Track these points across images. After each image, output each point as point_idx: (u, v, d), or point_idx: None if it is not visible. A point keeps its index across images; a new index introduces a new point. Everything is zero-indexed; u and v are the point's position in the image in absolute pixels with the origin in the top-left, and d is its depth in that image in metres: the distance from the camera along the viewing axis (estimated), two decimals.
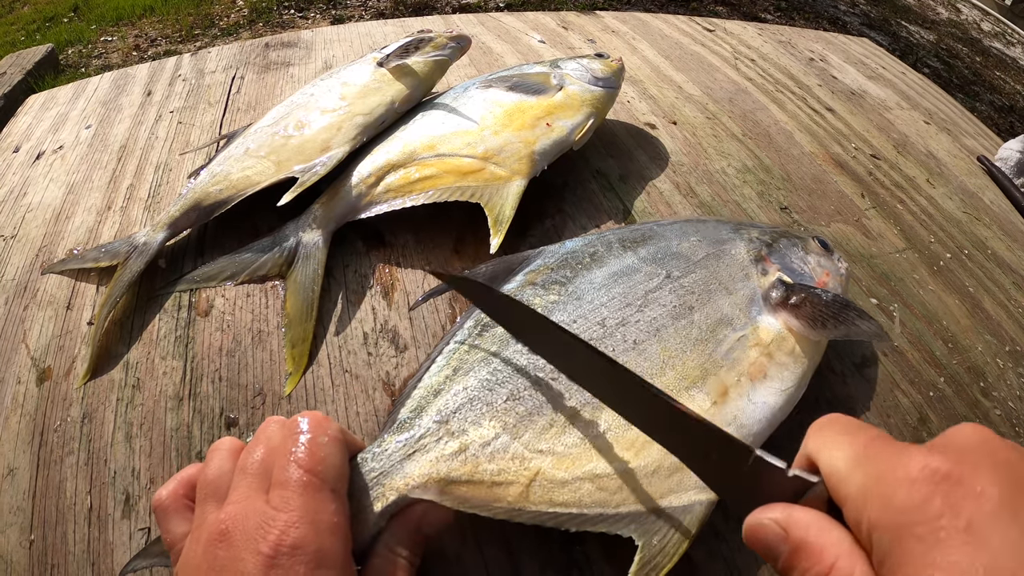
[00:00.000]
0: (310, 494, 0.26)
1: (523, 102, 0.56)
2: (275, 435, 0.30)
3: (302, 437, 0.29)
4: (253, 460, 0.28)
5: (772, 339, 0.39)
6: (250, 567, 0.24)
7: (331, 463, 0.28)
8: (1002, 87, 2.46)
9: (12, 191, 0.60)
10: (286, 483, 0.27)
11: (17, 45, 1.98)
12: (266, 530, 0.25)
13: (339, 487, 0.29)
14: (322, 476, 0.28)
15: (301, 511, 0.26)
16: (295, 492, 0.26)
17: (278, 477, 0.27)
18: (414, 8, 2.28)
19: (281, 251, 0.49)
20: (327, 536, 0.26)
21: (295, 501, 0.26)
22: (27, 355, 0.45)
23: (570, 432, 0.34)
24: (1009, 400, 0.47)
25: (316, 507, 0.26)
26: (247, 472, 0.28)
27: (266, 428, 0.30)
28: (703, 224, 0.47)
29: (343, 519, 0.27)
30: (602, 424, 0.35)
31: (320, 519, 0.26)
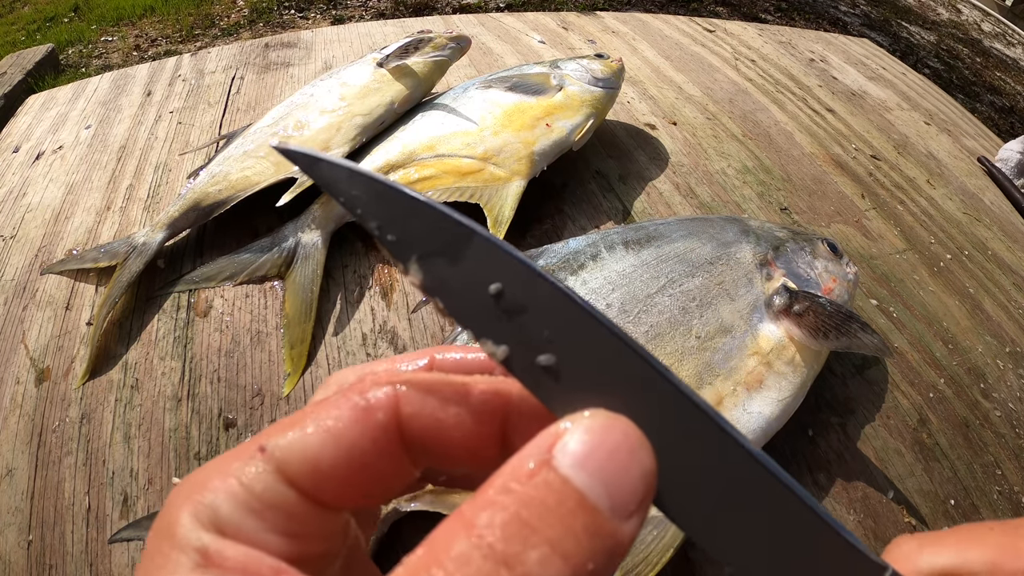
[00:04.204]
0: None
1: (523, 103, 0.56)
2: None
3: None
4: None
5: (772, 348, 0.39)
6: None
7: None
8: (1003, 88, 2.46)
9: (12, 191, 0.60)
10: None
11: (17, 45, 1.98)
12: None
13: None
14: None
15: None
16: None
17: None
18: (414, 8, 2.28)
19: (280, 252, 0.49)
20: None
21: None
22: (26, 355, 0.45)
23: None
24: (1009, 401, 0.47)
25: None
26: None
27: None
28: (709, 224, 0.46)
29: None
30: None
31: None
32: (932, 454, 0.43)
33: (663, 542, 0.32)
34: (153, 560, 0.12)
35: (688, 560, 0.35)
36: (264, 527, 0.12)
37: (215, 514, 0.12)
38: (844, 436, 0.43)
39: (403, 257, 0.14)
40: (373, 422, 0.13)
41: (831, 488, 0.40)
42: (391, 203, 0.14)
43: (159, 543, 0.12)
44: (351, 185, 0.15)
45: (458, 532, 0.11)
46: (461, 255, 0.14)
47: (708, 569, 0.35)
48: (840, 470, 0.41)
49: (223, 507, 0.12)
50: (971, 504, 0.41)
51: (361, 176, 0.15)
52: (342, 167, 0.15)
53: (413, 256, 0.14)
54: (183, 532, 0.12)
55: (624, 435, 0.12)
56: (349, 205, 0.14)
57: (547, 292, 0.13)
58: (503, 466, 0.12)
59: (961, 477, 0.42)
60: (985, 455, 0.44)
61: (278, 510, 0.12)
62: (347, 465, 0.13)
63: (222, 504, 0.12)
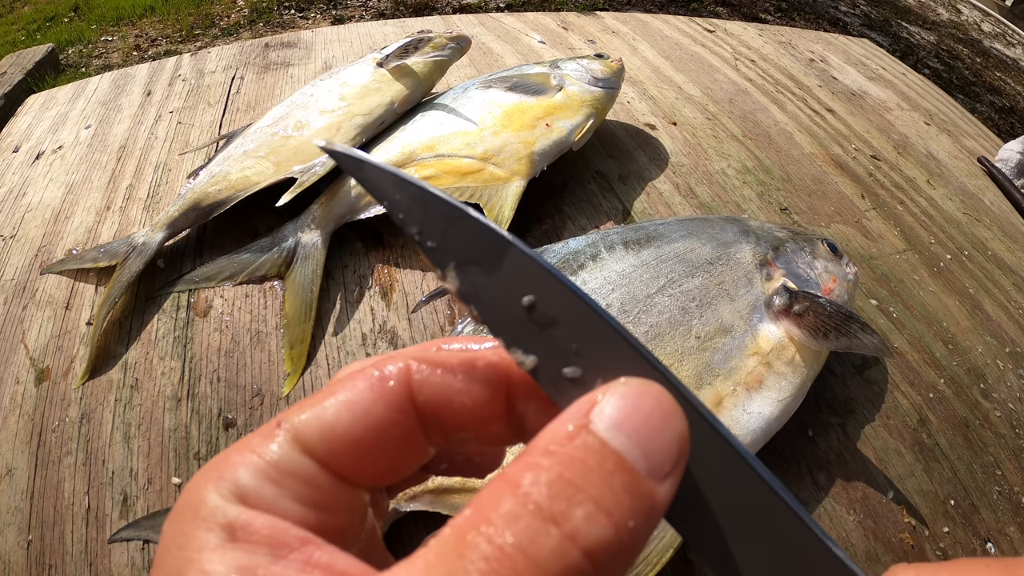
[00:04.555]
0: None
1: (523, 103, 0.56)
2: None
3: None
4: None
5: (772, 348, 0.39)
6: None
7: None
8: (1002, 88, 2.46)
9: (11, 191, 0.60)
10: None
11: (17, 45, 1.98)
12: None
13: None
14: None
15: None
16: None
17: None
18: (414, 8, 2.28)
19: (280, 251, 0.49)
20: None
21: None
22: (26, 355, 0.45)
23: None
24: (1009, 402, 0.47)
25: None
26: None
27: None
28: (709, 224, 0.46)
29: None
30: None
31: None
32: (932, 454, 0.43)
33: (663, 542, 0.32)
34: (175, 540, 0.12)
35: (688, 560, 0.35)
36: (284, 494, 0.12)
37: (237, 486, 0.12)
38: (844, 436, 0.43)
39: (441, 264, 0.14)
40: (386, 390, 0.14)
41: (831, 488, 0.40)
42: (432, 210, 0.14)
43: (181, 524, 0.12)
44: (395, 190, 0.15)
45: (504, 492, 0.11)
46: (498, 265, 0.14)
47: (708, 570, 0.35)
48: (840, 470, 0.41)
49: (243, 478, 0.12)
50: (971, 504, 0.41)
51: (405, 182, 0.15)
52: (387, 172, 0.15)
53: (451, 263, 0.14)
54: (208, 509, 0.12)
55: (657, 400, 0.12)
56: (391, 209, 0.15)
57: (578, 307, 0.14)
58: (543, 431, 0.12)
59: (961, 477, 0.42)
60: (985, 455, 0.44)
61: (297, 478, 0.13)
62: (362, 433, 0.13)
63: (242, 475, 0.12)
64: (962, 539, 0.39)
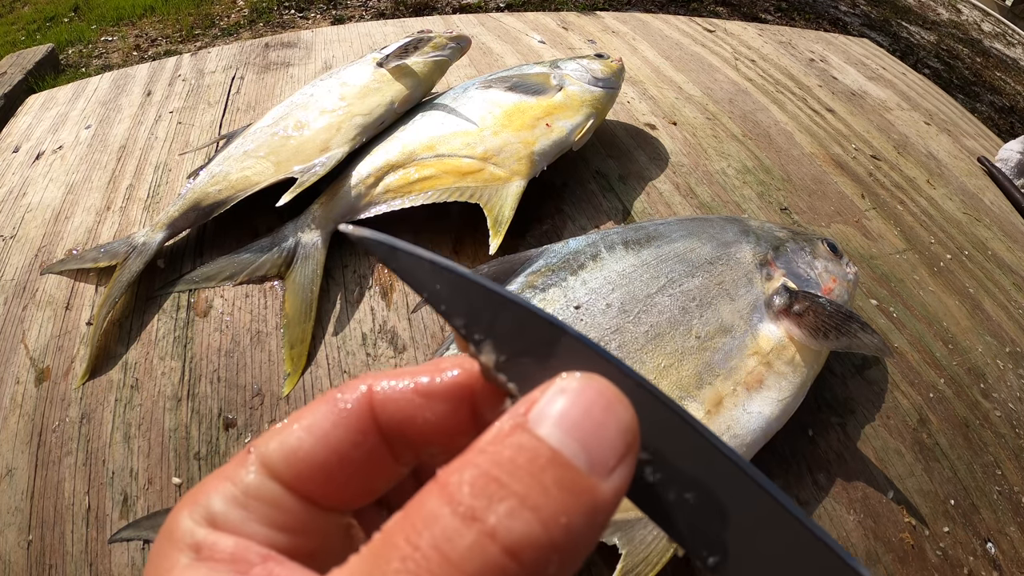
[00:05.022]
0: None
1: (523, 102, 0.56)
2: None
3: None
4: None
5: (772, 348, 0.39)
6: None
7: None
8: (1003, 88, 2.46)
9: (12, 191, 0.60)
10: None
11: (17, 45, 1.98)
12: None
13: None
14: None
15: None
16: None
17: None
18: (414, 8, 2.28)
19: (280, 251, 0.49)
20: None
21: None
22: (26, 355, 0.45)
23: None
24: (1009, 401, 0.47)
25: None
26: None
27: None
28: (709, 224, 0.46)
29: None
30: None
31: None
32: (932, 454, 0.43)
33: (663, 542, 0.32)
34: (155, 560, 0.13)
35: (687, 560, 0.35)
36: (251, 518, 0.13)
37: (208, 511, 0.13)
38: (844, 436, 0.43)
39: (486, 354, 0.14)
40: (347, 413, 0.14)
41: (831, 488, 0.40)
42: (476, 299, 0.14)
43: (161, 545, 0.13)
44: (433, 278, 0.14)
45: (431, 492, 0.11)
46: (551, 355, 0.13)
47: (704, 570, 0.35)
48: (840, 470, 0.41)
49: (215, 503, 0.13)
50: (971, 504, 0.41)
51: (443, 269, 0.14)
52: (423, 258, 0.14)
53: (501, 357, 0.14)
54: (180, 531, 0.13)
55: (599, 392, 0.12)
56: (431, 301, 0.14)
57: (647, 398, 0.13)
58: (484, 432, 0.12)
59: (961, 477, 0.42)
60: (985, 455, 0.44)
61: (265, 503, 0.13)
62: (324, 456, 0.13)
63: (214, 501, 0.13)
64: (962, 539, 0.39)
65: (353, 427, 0.14)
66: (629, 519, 0.32)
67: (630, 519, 0.32)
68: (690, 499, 0.13)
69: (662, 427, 0.13)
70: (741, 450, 0.35)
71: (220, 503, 0.13)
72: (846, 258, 0.46)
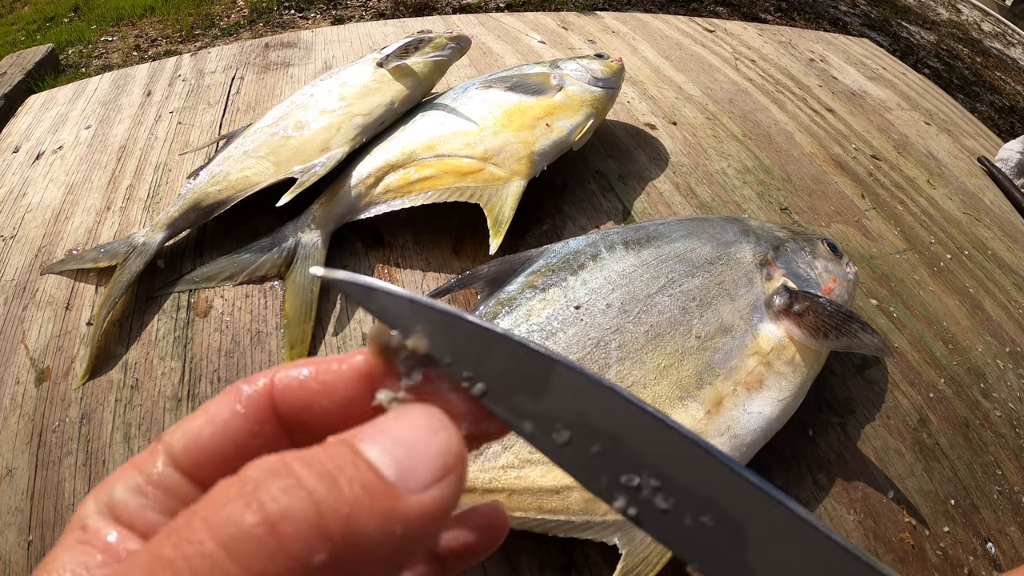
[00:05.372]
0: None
1: (523, 102, 0.56)
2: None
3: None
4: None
5: (772, 348, 0.39)
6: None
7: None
8: (1002, 88, 2.46)
9: (12, 191, 0.60)
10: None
11: (17, 45, 1.98)
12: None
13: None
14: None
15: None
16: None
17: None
18: (414, 8, 2.28)
19: (280, 252, 0.49)
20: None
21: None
22: (26, 355, 0.45)
23: None
24: (1009, 401, 0.47)
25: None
26: None
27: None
28: (709, 224, 0.46)
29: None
30: None
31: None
32: (932, 454, 0.43)
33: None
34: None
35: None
36: (149, 506, 0.13)
37: (110, 497, 0.13)
38: (844, 436, 0.43)
39: (478, 393, 0.13)
40: (247, 401, 0.14)
41: (831, 488, 0.40)
42: (463, 336, 0.13)
43: (70, 523, 0.14)
44: (415, 318, 0.14)
45: (232, 480, 0.11)
46: (545, 388, 0.13)
47: None
48: (840, 470, 0.41)
49: (117, 491, 0.14)
50: (971, 504, 0.41)
51: (424, 308, 0.14)
52: (402, 297, 0.14)
53: (492, 395, 0.13)
54: (79, 516, 0.13)
55: (426, 417, 0.12)
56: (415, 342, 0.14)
57: (645, 421, 0.13)
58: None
59: (961, 477, 0.42)
60: (985, 455, 0.44)
61: (165, 491, 0.13)
62: (221, 445, 0.14)
63: (117, 488, 0.14)
64: (962, 539, 0.39)
65: (251, 416, 0.14)
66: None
67: None
68: (707, 523, 0.13)
69: (668, 451, 0.13)
70: (741, 450, 0.35)
71: (122, 491, 0.13)
72: (846, 258, 0.46)
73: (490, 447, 0.34)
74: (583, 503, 0.33)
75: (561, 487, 0.33)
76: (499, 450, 0.34)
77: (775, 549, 0.13)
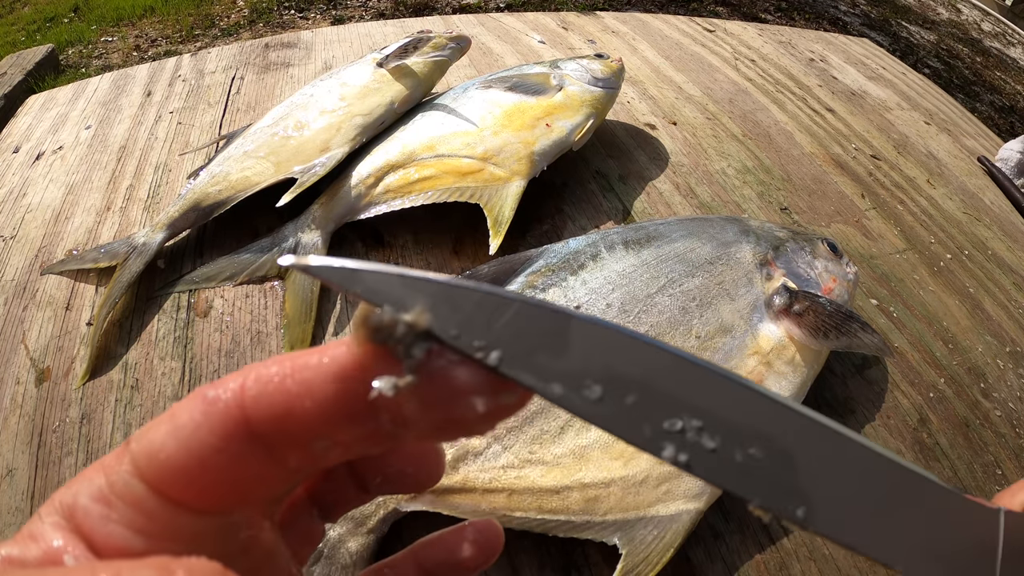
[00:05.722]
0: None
1: (523, 103, 0.56)
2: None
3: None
4: None
5: (772, 348, 0.39)
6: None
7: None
8: (1002, 87, 2.46)
9: (12, 191, 0.60)
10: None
11: (17, 45, 1.98)
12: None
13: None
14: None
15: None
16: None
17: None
18: (414, 9, 2.28)
19: (280, 252, 0.49)
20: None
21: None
22: (26, 355, 0.45)
23: (560, 442, 0.34)
24: (1009, 401, 0.47)
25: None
26: None
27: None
28: (709, 224, 0.46)
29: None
30: (592, 433, 0.35)
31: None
32: (932, 454, 0.43)
33: (663, 542, 0.32)
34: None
35: (688, 560, 0.35)
36: (112, 518, 0.12)
37: (74, 500, 0.13)
38: None
39: (494, 362, 0.12)
40: (212, 413, 0.12)
41: None
42: (466, 305, 0.12)
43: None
44: (410, 294, 0.12)
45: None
46: (565, 345, 0.12)
47: (708, 569, 0.35)
48: None
49: (81, 494, 0.13)
50: None
51: (420, 281, 0.12)
52: (391, 274, 0.12)
53: (509, 361, 0.12)
54: (38, 513, 0.13)
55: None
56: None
57: (671, 362, 0.13)
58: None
59: (961, 477, 0.42)
60: (985, 455, 0.44)
61: (127, 503, 0.12)
62: (185, 459, 0.12)
63: (82, 491, 0.13)
64: None
65: (216, 430, 0.12)
66: (629, 519, 0.32)
67: (630, 519, 0.32)
68: (756, 454, 0.12)
69: (702, 389, 0.13)
70: None
71: (86, 495, 0.13)
72: (846, 258, 0.46)
73: (490, 447, 0.34)
74: (583, 503, 0.33)
75: (561, 487, 0.33)
76: (499, 450, 0.34)
77: (827, 470, 0.13)
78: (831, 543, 0.14)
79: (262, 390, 0.12)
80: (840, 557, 0.37)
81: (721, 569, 0.35)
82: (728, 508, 0.38)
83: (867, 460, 0.13)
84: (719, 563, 0.36)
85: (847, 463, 0.13)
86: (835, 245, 0.46)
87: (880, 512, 0.13)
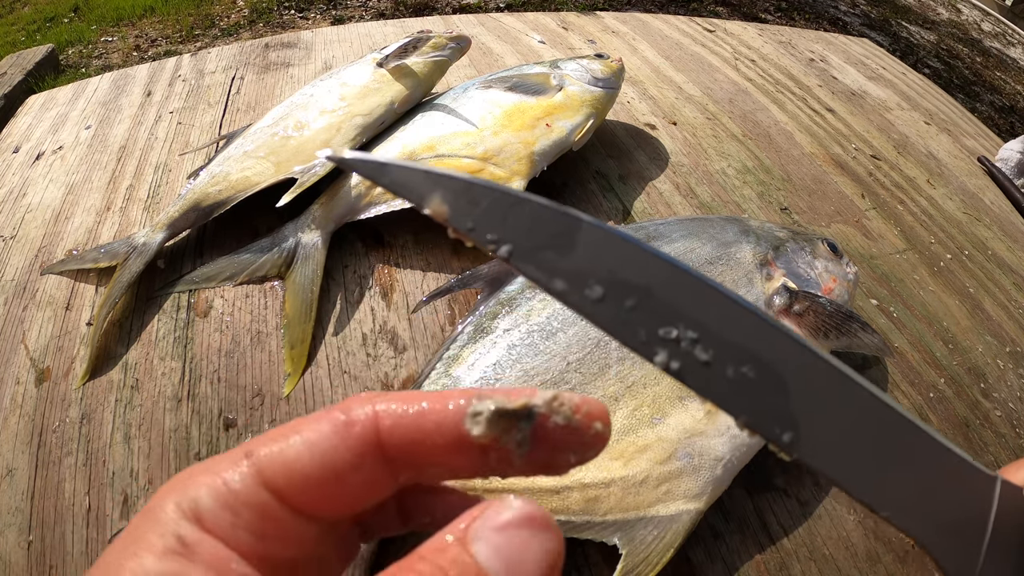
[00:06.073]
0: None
1: (523, 103, 0.56)
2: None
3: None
4: None
5: None
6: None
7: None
8: (1002, 87, 2.46)
9: (12, 191, 0.60)
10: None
11: (17, 45, 1.98)
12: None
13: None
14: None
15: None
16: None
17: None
18: (414, 8, 2.28)
19: (280, 252, 0.49)
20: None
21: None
22: (26, 355, 0.45)
23: None
24: (1009, 401, 0.47)
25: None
26: None
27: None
28: (709, 224, 0.46)
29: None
30: None
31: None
32: None
33: (663, 542, 0.32)
34: (130, 536, 0.13)
35: (688, 560, 0.35)
36: (238, 523, 0.13)
37: (196, 505, 0.13)
38: None
39: (504, 255, 0.13)
40: (350, 435, 0.14)
41: (831, 488, 0.40)
42: (483, 200, 0.13)
43: (139, 525, 0.13)
44: (432, 187, 0.14)
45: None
46: (572, 246, 0.13)
47: (708, 570, 0.35)
48: None
49: (204, 500, 0.13)
50: None
51: (441, 176, 0.14)
52: (416, 170, 0.14)
53: (518, 255, 0.13)
54: (165, 517, 0.13)
55: (529, 519, 0.13)
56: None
57: (673, 274, 0.13)
58: (429, 539, 0.13)
59: None
60: (985, 455, 0.44)
61: (253, 510, 0.13)
62: (321, 474, 0.14)
63: (204, 497, 0.13)
64: None
65: (355, 449, 0.14)
66: (629, 519, 0.32)
67: (630, 519, 0.32)
68: (748, 374, 0.13)
69: (703, 303, 0.13)
70: (742, 450, 0.35)
71: (209, 501, 0.13)
72: (846, 258, 0.46)
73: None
74: (583, 503, 0.33)
75: (561, 487, 0.33)
76: None
77: (816, 399, 0.13)
78: (822, 477, 0.14)
79: (397, 422, 0.14)
80: (840, 557, 0.37)
81: (721, 569, 0.35)
82: (728, 508, 0.38)
83: (864, 400, 0.13)
84: (719, 563, 0.36)
85: (843, 399, 0.13)
86: (835, 245, 0.46)
87: (870, 453, 0.13)
